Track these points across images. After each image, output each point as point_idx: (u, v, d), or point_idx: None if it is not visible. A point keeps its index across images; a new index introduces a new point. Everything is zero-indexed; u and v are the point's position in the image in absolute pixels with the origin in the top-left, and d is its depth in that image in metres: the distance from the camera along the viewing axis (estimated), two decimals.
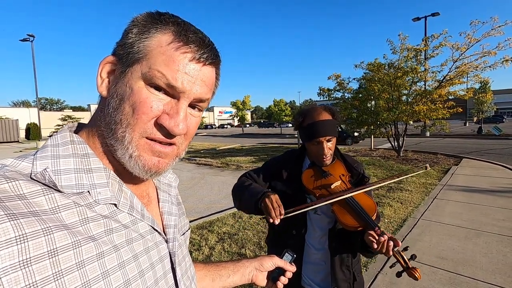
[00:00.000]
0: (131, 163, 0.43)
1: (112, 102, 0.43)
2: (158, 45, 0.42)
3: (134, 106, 0.41)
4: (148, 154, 0.44)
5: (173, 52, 0.42)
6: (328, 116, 1.26)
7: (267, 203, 1.10)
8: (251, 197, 1.19)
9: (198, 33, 0.45)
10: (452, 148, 13.18)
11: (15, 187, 0.34)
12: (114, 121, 0.42)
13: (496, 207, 4.84)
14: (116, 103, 0.42)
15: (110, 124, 0.43)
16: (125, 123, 0.42)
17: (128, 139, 0.42)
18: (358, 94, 10.89)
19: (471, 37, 8.61)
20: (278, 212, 1.07)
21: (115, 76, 0.44)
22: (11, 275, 0.29)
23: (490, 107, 27.44)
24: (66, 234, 0.34)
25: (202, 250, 3.55)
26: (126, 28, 0.45)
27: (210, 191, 6.61)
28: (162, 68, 0.42)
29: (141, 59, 0.42)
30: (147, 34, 0.43)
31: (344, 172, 1.30)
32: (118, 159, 0.44)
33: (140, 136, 0.43)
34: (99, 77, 0.45)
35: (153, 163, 0.44)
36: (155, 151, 0.44)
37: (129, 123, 0.42)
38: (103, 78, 0.45)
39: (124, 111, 0.42)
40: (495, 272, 2.90)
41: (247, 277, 0.76)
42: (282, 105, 37.30)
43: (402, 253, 1.03)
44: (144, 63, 0.42)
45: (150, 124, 0.42)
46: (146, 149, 0.43)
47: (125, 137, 0.42)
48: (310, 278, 1.32)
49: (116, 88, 0.43)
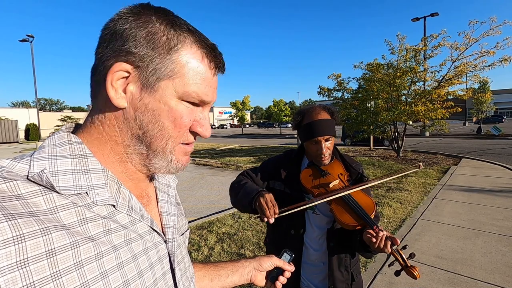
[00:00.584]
0: (168, 167, 0.48)
1: (142, 116, 0.44)
2: (188, 62, 0.44)
3: (174, 122, 0.45)
4: (182, 155, 0.49)
5: (204, 71, 0.46)
6: (326, 115, 1.26)
7: (261, 202, 1.09)
8: (246, 196, 1.19)
9: (213, 44, 0.48)
10: (452, 148, 13.19)
11: (13, 187, 0.34)
12: (149, 135, 0.45)
13: (495, 206, 4.85)
14: (148, 118, 0.44)
15: (144, 138, 0.45)
16: (166, 136, 0.46)
17: (170, 149, 0.47)
18: (358, 94, 10.89)
19: (469, 37, 8.63)
20: (272, 211, 1.07)
21: (137, 88, 0.43)
22: (8, 276, 0.29)
23: (489, 107, 27.44)
24: (64, 235, 0.34)
25: (201, 251, 3.55)
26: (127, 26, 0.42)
27: (210, 191, 6.61)
28: (197, 88, 0.46)
29: (173, 77, 0.44)
30: (173, 46, 0.43)
31: (342, 172, 1.30)
32: (145, 164, 0.47)
33: (178, 144, 0.48)
34: (111, 87, 0.42)
35: (185, 161, 0.50)
36: (187, 152, 0.50)
37: (171, 136, 0.46)
38: (116, 88, 0.42)
39: (164, 125, 0.45)
40: (494, 271, 2.91)
41: (246, 277, 0.76)
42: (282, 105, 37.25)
43: (400, 251, 1.03)
44: (177, 81, 0.44)
45: (187, 133, 0.48)
46: (181, 152, 0.49)
47: (167, 148, 0.47)
48: (309, 279, 1.32)
49: (145, 103, 0.43)
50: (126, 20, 0.42)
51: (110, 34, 0.42)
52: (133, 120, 0.44)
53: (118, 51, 0.42)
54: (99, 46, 0.44)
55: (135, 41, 0.42)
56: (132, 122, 0.44)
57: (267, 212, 1.07)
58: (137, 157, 0.47)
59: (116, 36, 0.42)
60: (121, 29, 0.42)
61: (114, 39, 0.42)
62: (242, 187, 1.26)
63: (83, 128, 0.46)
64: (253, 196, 1.15)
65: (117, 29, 0.42)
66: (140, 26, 0.42)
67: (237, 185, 1.30)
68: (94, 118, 0.45)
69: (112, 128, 0.44)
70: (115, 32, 0.42)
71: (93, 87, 0.46)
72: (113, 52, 0.42)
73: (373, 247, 1.04)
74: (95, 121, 0.45)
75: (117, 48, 0.42)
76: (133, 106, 0.43)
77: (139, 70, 0.42)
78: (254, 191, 1.17)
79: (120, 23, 0.42)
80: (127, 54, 0.42)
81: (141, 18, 0.42)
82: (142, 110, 0.44)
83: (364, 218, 1.12)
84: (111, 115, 0.44)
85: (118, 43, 0.42)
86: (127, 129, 0.44)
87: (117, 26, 0.42)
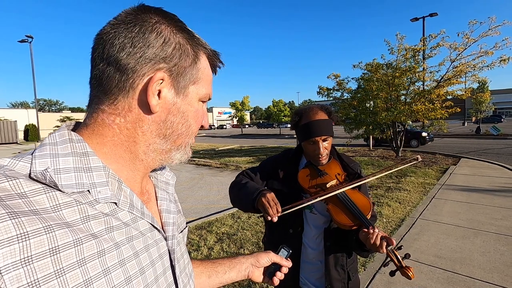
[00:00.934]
0: (182, 158, 0.53)
1: (174, 118, 0.48)
2: (205, 68, 0.52)
3: (197, 120, 0.53)
4: (189, 147, 0.55)
5: (210, 74, 0.54)
6: (324, 115, 1.27)
7: (263, 201, 1.10)
8: (247, 195, 1.19)
9: (214, 50, 0.54)
10: (451, 148, 13.21)
11: (16, 185, 0.34)
12: (177, 133, 0.50)
13: (494, 206, 4.86)
14: (179, 119, 0.49)
15: (170, 136, 0.49)
16: (190, 133, 0.52)
17: (190, 142, 0.54)
18: (357, 94, 10.89)
19: (469, 37, 8.64)
20: (275, 210, 1.08)
21: (171, 94, 0.47)
22: (12, 273, 0.29)
23: (488, 107, 27.49)
24: (67, 232, 0.35)
25: (201, 251, 3.55)
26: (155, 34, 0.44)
27: (209, 191, 6.61)
28: (209, 89, 0.54)
29: (197, 82, 0.50)
30: (197, 55, 0.49)
31: (340, 171, 1.31)
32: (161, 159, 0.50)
33: (193, 137, 0.54)
34: (152, 95, 0.44)
35: (191, 152, 0.55)
36: (192, 144, 0.56)
37: (193, 132, 0.53)
38: (154, 94, 0.45)
39: (190, 124, 0.51)
40: (492, 270, 2.92)
41: (243, 273, 0.77)
42: (281, 106, 37.27)
43: (395, 251, 1.03)
44: (200, 85, 0.51)
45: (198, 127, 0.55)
46: (190, 144, 0.55)
47: (188, 142, 0.53)
48: (307, 278, 1.33)
49: (177, 106, 0.48)
50: (155, 28, 0.45)
51: (140, 39, 0.44)
52: (163, 122, 0.47)
53: (153, 59, 0.44)
54: (121, 49, 0.43)
55: (168, 50, 0.45)
56: (161, 124, 0.47)
57: (270, 210, 1.07)
58: (155, 153, 0.49)
59: (146, 43, 0.44)
60: (151, 37, 0.44)
61: (145, 46, 0.44)
62: (243, 186, 1.27)
63: (87, 128, 0.45)
64: (255, 195, 1.16)
65: (146, 36, 0.44)
66: (170, 35, 0.46)
67: (238, 185, 1.31)
68: (106, 120, 0.45)
69: (133, 131, 0.46)
70: (145, 39, 0.44)
71: (105, 91, 0.44)
72: (147, 60, 0.44)
73: (368, 244, 1.05)
74: (110, 124, 0.45)
75: (152, 56, 0.44)
76: (166, 110, 0.47)
77: (172, 77, 0.46)
78: (255, 190, 1.18)
79: (148, 30, 0.44)
80: (162, 63, 0.45)
81: (166, 27, 0.46)
82: (174, 113, 0.48)
83: (360, 218, 1.13)
84: (136, 119, 0.45)
85: (151, 51, 0.44)
86: (153, 130, 0.47)
87: (146, 33, 0.44)
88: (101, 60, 0.44)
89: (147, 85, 0.44)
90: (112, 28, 0.44)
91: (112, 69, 0.43)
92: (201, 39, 0.51)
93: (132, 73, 0.43)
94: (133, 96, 0.44)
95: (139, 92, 0.44)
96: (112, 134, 0.45)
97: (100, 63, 0.44)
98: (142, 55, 0.43)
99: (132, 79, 0.43)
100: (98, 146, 0.44)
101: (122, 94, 0.44)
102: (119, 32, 0.43)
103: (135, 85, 0.44)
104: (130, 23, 0.44)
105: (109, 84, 0.44)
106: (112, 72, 0.43)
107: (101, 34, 0.44)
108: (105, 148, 0.45)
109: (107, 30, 0.44)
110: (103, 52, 0.43)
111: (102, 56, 0.43)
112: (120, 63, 0.43)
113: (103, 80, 0.44)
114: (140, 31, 0.44)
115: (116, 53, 0.43)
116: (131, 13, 0.45)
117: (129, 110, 0.45)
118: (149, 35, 0.44)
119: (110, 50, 0.43)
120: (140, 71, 0.43)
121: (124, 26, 0.44)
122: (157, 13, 0.46)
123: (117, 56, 0.43)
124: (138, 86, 0.44)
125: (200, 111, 0.53)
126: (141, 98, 0.44)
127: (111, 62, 0.43)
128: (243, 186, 1.27)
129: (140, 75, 0.44)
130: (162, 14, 0.46)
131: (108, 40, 0.43)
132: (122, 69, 0.43)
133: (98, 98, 0.45)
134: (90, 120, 0.46)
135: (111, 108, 0.44)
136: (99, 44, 0.44)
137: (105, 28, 0.45)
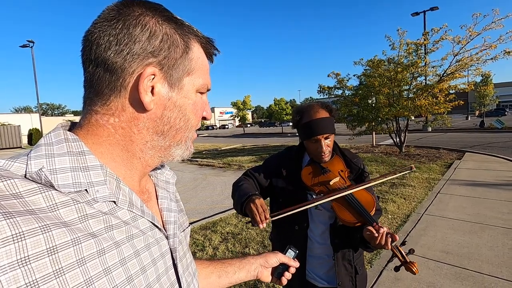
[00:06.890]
0: (183, 154, 0.51)
1: (170, 113, 0.46)
2: (198, 58, 0.49)
3: (196, 113, 0.50)
4: (191, 142, 0.53)
5: (206, 63, 0.51)
6: (325, 113, 1.26)
7: (251, 207, 1.09)
8: (239, 199, 1.19)
9: (208, 37, 0.52)
10: (455, 143, 13.12)
11: (11, 186, 0.34)
12: (175, 129, 0.48)
13: (500, 200, 4.81)
14: (176, 114, 0.47)
15: (168, 132, 0.47)
16: (189, 127, 0.50)
17: (191, 137, 0.52)
18: (358, 91, 10.84)
19: (472, 30, 8.56)
20: (263, 216, 1.06)
21: (164, 88, 0.45)
22: (9, 274, 0.29)
23: (492, 100, 27.30)
24: (65, 232, 0.34)
25: (206, 251, 3.55)
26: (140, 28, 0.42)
27: (213, 191, 6.62)
28: (206, 79, 0.51)
29: (191, 73, 0.48)
30: (188, 44, 0.47)
31: (343, 168, 1.31)
32: (160, 156, 0.49)
33: (193, 131, 0.52)
34: (145, 92, 0.42)
35: (193, 147, 0.54)
36: (194, 138, 0.54)
37: (193, 126, 0.51)
38: (147, 91, 0.43)
39: (189, 118, 0.49)
40: (501, 265, 2.89)
41: (252, 273, 0.78)
42: (283, 104, 37.33)
43: (400, 247, 1.05)
44: (195, 76, 0.48)
45: (199, 120, 0.52)
46: (192, 138, 0.53)
47: (188, 137, 0.51)
48: (314, 272, 1.33)
49: (173, 101, 0.46)
50: (139, 21, 0.42)
51: (124, 35, 0.41)
52: (159, 118, 0.46)
53: (140, 54, 0.42)
54: (107, 48, 0.41)
55: (155, 43, 0.43)
56: (158, 121, 0.46)
57: (257, 217, 1.06)
58: (153, 151, 0.48)
59: (132, 38, 0.42)
60: (136, 31, 0.42)
61: (131, 42, 0.41)
62: (237, 189, 1.27)
63: (82, 129, 0.45)
64: (243, 200, 1.15)
65: (131, 31, 0.42)
66: (155, 27, 0.43)
67: (234, 187, 1.32)
68: (100, 121, 0.44)
69: (128, 130, 0.44)
70: (130, 34, 0.42)
71: (96, 92, 0.44)
72: (134, 56, 0.42)
73: (373, 244, 1.05)
74: (104, 124, 0.44)
75: (139, 51, 0.42)
76: (161, 106, 0.45)
77: (163, 71, 0.44)
78: (245, 195, 1.17)
79: (132, 24, 0.42)
80: (151, 57, 0.43)
81: (151, 19, 0.43)
82: (171, 108, 0.46)
83: (364, 215, 1.13)
84: (130, 118, 0.44)
85: (138, 46, 0.42)
86: (150, 127, 0.46)
87: (130, 28, 0.42)
88: (90, 62, 0.42)
89: (138, 83, 0.42)
90: (95, 27, 0.42)
91: (101, 70, 0.42)
92: (192, 27, 0.48)
93: (121, 71, 0.42)
94: (125, 95, 0.43)
95: (131, 91, 0.43)
96: (107, 134, 0.44)
97: (89, 65, 0.43)
98: (129, 51, 0.42)
99: (122, 78, 0.42)
100: (94, 146, 0.44)
101: (114, 94, 0.43)
102: (103, 30, 0.42)
103: (126, 84, 0.43)
104: (113, 20, 0.42)
105: (100, 86, 0.43)
106: (102, 73, 0.42)
107: (87, 35, 0.43)
108: (101, 148, 0.44)
109: (92, 30, 0.42)
110: (90, 54, 0.42)
111: (90, 58, 0.42)
112: (108, 63, 0.41)
113: (93, 82, 0.43)
114: (124, 27, 0.42)
115: (103, 53, 0.41)
116: (113, 8, 0.43)
117: (123, 109, 0.44)
118: (134, 30, 0.42)
119: (97, 51, 0.42)
120: (129, 68, 0.42)
121: (107, 23, 0.42)
122: (141, 5, 0.44)
123: (104, 56, 0.41)
124: (129, 85, 0.43)
125: (198, 103, 0.51)
126: (133, 96, 0.43)
127: (99, 63, 0.42)
128: (237, 189, 1.27)
129: (130, 72, 0.42)
130: (145, 6, 0.44)
131: (94, 40, 0.42)
132: (110, 69, 0.42)
133: (90, 99, 0.44)
134: (84, 121, 0.45)
135: (104, 108, 0.44)
136: (86, 46, 0.43)
137: (89, 29, 0.43)
